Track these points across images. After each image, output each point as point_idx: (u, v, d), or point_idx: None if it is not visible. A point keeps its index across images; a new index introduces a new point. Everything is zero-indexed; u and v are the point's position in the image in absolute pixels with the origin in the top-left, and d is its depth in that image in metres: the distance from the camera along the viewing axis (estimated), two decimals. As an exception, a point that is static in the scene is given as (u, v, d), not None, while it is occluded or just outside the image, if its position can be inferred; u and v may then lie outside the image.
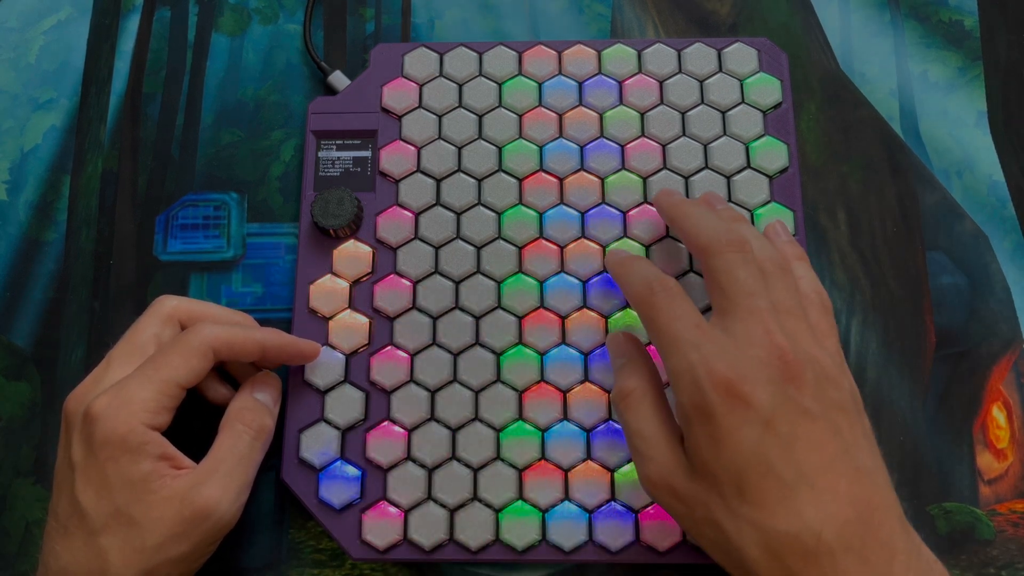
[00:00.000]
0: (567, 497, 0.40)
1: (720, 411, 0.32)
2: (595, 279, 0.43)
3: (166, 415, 0.36)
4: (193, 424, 0.40)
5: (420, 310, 0.43)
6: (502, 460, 0.41)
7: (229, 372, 0.42)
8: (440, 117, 0.47)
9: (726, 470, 0.32)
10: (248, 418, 0.38)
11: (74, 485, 0.35)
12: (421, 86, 0.47)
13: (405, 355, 0.42)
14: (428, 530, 0.40)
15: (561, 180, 0.45)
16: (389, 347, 0.43)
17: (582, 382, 0.42)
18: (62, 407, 0.37)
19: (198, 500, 0.35)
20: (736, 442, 0.31)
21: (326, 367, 0.42)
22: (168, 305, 0.39)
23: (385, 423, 0.42)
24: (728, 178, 0.45)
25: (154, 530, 0.35)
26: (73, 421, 0.36)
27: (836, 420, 0.32)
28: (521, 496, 0.40)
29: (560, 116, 0.46)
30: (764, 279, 0.35)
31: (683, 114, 0.46)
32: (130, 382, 0.36)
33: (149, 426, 0.35)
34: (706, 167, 0.45)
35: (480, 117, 0.47)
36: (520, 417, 0.41)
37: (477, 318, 0.43)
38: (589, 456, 0.41)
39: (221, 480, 0.36)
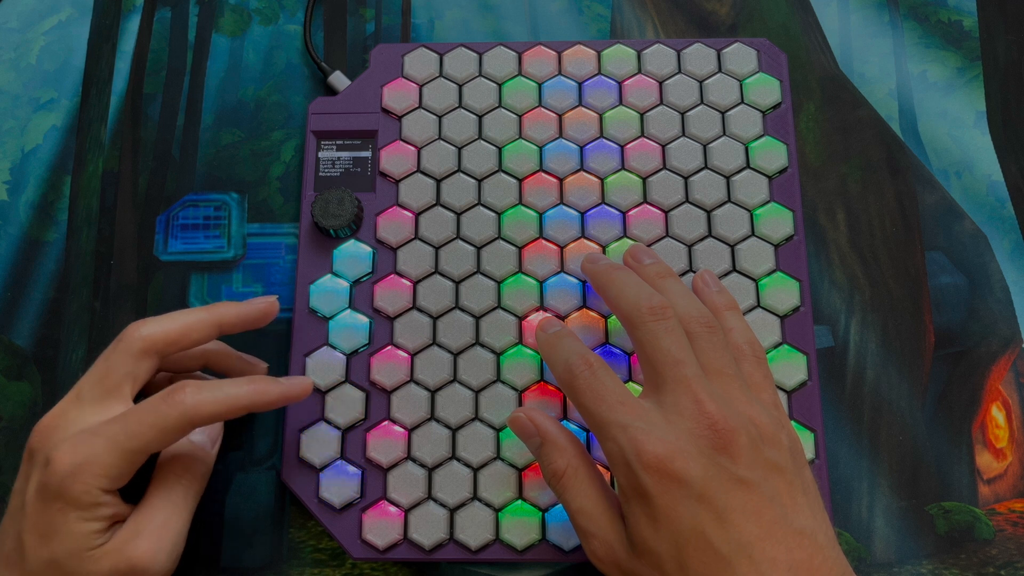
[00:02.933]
0: (567, 497, 0.40)
1: (654, 491, 0.32)
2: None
3: (126, 479, 0.35)
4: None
5: (420, 310, 0.43)
6: (502, 460, 0.41)
7: (210, 369, 0.42)
8: (440, 117, 0.47)
9: (666, 548, 0.32)
10: (179, 466, 0.37)
11: (22, 524, 0.35)
12: (421, 86, 0.47)
13: (405, 355, 0.43)
14: (428, 530, 0.40)
15: (561, 180, 0.45)
16: (389, 347, 0.43)
17: (582, 382, 0.42)
18: (31, 433, 0.36)
19: (133, 555, 0.35)
20: (673, 520, 0.32)
21: (326, 367, 0.42)
22: (139, 338, 0.36)
23: (385, 423, 0.42)
24: (727, 178, 0.45)
25: None
26: (36, 459, 0.35)
27: (773, 483, 0.32)
28: (521, 496, 0.40)
29: (560, 116, 0.46)
30: (691, 341, 0.36)
31: (683, 114, 0.46)
32: (97, 440, 0.34)
33: (106, 490, 0.34)
34: (705, 167, 0.45)
35: (480, 117, 0.47)
36: (520, 417, 0.41)
37: (477, 318, 0.43)
38: (589, 456, 0.41)
39: (155, 533, 0.35)
